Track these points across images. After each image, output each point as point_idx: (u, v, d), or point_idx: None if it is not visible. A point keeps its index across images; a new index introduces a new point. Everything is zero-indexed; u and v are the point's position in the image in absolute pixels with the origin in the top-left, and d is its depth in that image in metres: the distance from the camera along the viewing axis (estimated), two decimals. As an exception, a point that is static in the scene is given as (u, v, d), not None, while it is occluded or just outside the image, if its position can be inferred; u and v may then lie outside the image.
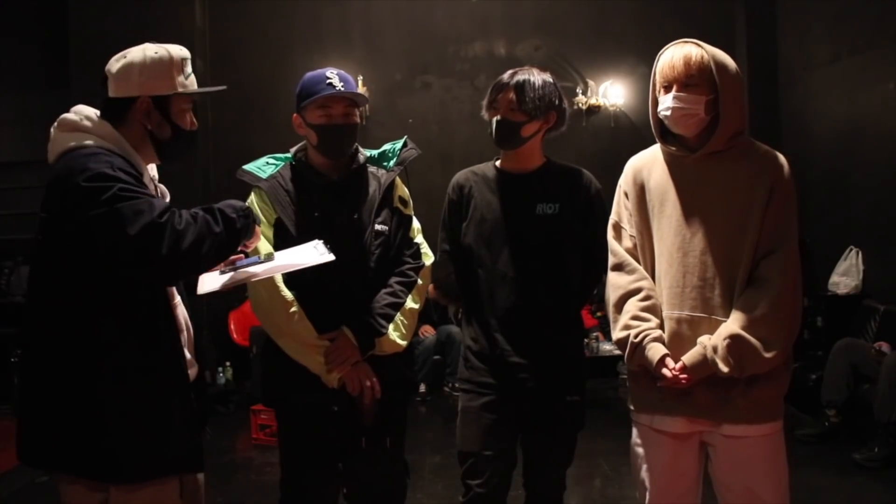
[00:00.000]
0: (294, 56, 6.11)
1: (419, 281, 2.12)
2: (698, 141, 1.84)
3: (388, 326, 2.03)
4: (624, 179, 1.98)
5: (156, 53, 1.66)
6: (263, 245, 1.95)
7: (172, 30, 4.92)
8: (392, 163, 2.15)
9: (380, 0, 6.31)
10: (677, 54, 1.80)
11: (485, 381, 2.15)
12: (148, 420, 1.59)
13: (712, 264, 1.80)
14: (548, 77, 2.15)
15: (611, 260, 1.96)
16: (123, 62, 1.66)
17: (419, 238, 2.19)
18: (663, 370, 1.78)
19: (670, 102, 1.80)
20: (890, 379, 3.75)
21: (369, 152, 2.19)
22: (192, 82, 1.73)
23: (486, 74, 6.10)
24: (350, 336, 2.00)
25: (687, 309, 1.81)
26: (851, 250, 5.16)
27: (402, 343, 2.07)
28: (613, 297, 1.91)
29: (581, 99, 6.26)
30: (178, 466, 1.66)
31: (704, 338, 1.78)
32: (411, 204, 2.20)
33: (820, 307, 5.16)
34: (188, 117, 1.74)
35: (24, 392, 1.63)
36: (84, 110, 1.66)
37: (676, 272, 1.83)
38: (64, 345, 1.56)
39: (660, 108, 1.84)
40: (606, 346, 5.33)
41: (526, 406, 2.14)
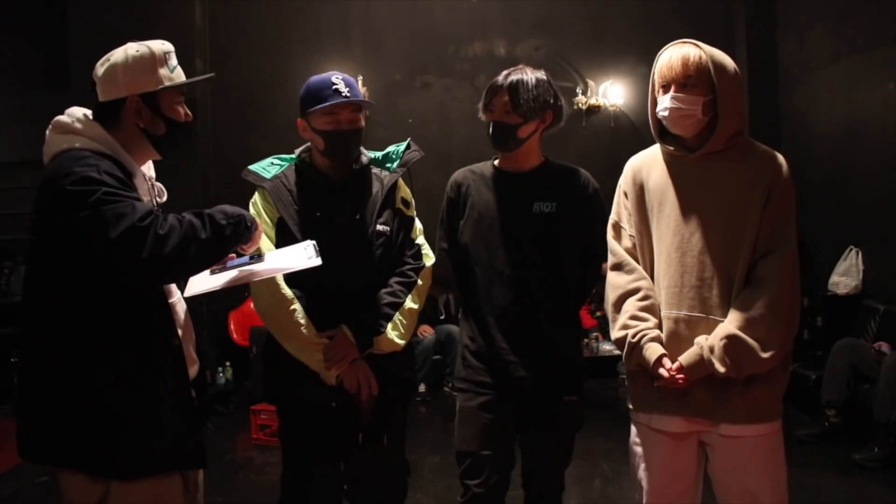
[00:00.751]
0: (294, 56, 6.11)
1: (419, 281, 2.13)
2: (697, 141, 1.84)
3: (387, 326, 2.05)
4: (623, 179, 1.98)
5: (137, 51, 1.66)
6: (265, 243, 1.96)
7: (172, 30, 4.92)
8: (395, 164, 2.17)
9: (380, 0, 6.31)
10: (676, 55, 1.81)
11: (482, 381, 2.15)
12: (146, 415, 1.59)
13: (710, 264, 1.80)
14: (541, 75, 2.15)
15: (610, 259, 1.97)
16: (107, 65, 1.66)
17: (420, 239, 2.20)
18: (660, 370, 1.79)
19: (668, 103, 1.80)
20: (890, 379, 3.75)
21: (373, 154, 2.21)
22: (179, 74, 1.72)
23: (486, 74, 6.06)
24: (349, 334, 2.02)
25: (685, 309, 1.82)
26: (851, 250, 5.16)
27: (401, 342, 2.09)
28: (612, 297, 1.92)
29: (581, 99, 6.26)
30: (179, 462, 1.66)
31: (701, 338, 1.78)
32: (414, 205, 2.21)
33: (820, 307, 5.16)
34: (181, 109, 1.73)
35: (23, 389, 1.63)
36: (76, 112, 1.66)
37: (675, 272, 1.83)
38: (61, 342, 1.57)
39: (658, 109, 1.84)
40: (606, 346, 5.34)
41: (524, 405, 2.14)
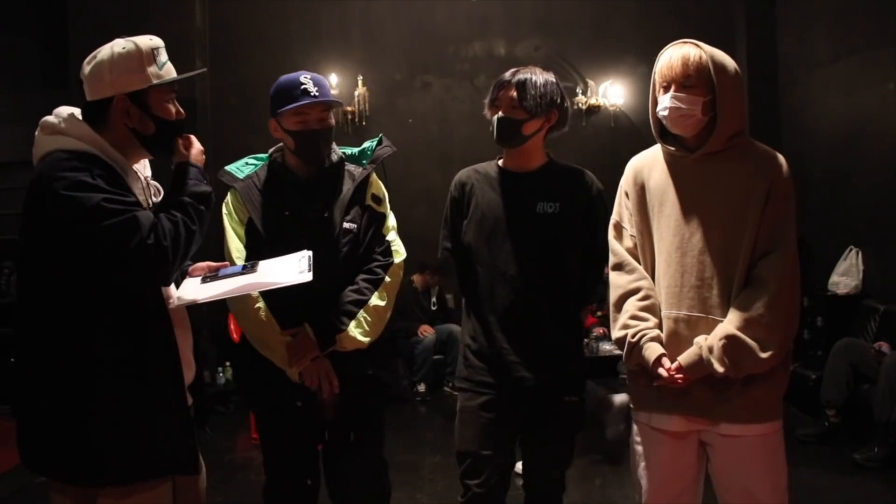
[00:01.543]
0: (294, 56, 6.10)
1: (387, 278, 2.12)
2: (697, 141, 1.84)
3: (350, 323, 2.04)
4: (625, 179, 1.98)
5: (123, 48, 1.58)
6: (234, 242, 2.03)
7: (172, 30, 4.91)
8: (368, 161, 2.18)
9: (380, 0, 6.31)
10: (676, 55, 1.81)
11: (483, 380, 2.15)
12: (135, 421, 1.56)
13: (710, 264, 1.80)
14: (550, 76, 2.16)
15: (611, 259, 1.97)
16: (94, 63, 1.59)
17: (391, 235, 2.18)
18: (659, 370, 1.79)
19: (668, 103, 1.80)
20: (890, 379, 3.75)
21: (350, 150, 2.22)
22: (169, 70, 1.65)
23: (486, 74, 6.10)
24: (310, 332, 2.03)
25: (685, 308, 1.81)
26: (851, 250, 5.16)
27: (365, 340, 2.07)
28: (613, 297, 1.92)
29: (581, 99, 6.26)
30: (169, 468, 1.62)
31: (701, 338, 1.78)
32: (387, 201, 2.20)
33: (820, 307, 5.16)
34: (171, 107, 1.66)
35: (19, 394, 1.61)
36: (63, 111, 1.61)
37: (675, 272, 1.83)
38: (53, 346, 1.54)
39: (658, 109, 1.84)
40: (606, 346, 5.33)
41: (525, 406, 2.14)
